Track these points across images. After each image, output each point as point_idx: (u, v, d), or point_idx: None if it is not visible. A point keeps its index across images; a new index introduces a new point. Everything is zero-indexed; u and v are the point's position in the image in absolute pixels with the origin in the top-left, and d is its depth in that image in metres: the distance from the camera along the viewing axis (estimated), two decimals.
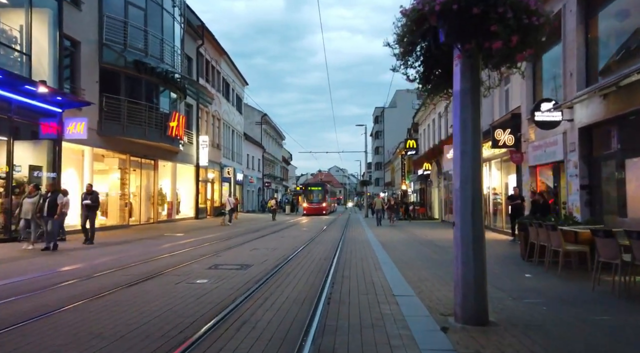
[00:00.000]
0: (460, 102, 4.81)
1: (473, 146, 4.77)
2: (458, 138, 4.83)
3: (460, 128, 4.81)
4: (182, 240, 15.15)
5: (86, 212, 13.53)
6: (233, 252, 11.59)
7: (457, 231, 4.84)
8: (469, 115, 4.78)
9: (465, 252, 4.73)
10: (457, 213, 4.85)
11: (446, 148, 22.62)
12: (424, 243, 13.98)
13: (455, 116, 4.88)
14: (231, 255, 11.02)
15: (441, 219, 29.50)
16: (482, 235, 4.76)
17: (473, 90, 4.79)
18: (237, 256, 10.73)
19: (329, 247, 13.06)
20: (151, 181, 24.16)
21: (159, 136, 21.68)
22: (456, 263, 4.82)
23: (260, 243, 14.05)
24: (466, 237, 4.73)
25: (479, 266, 4.70)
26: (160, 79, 21.47)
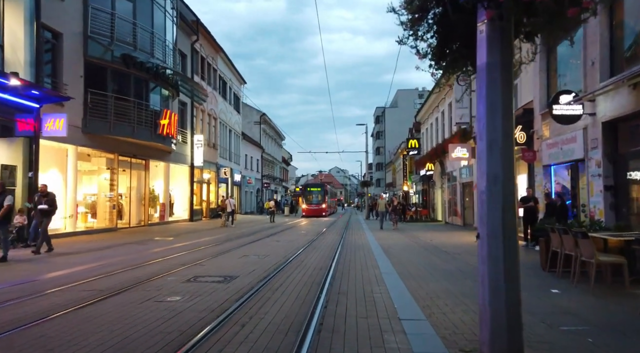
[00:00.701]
0: (487, 78, 3.72)
1: (504, 135, 3.68)
2: (484, 125, 3.73)
3: (487, 112, 3.72)
4: (169, 245, 14.08)
5: (41, 217, 11.80)
6: (220, 260, 10.51)
7: (483, 246, 3.73)
8: (499, 95, 3.70)
9: (494, 275, 3.62)
10: (482, 223, 3.75)
11: (450, 147, 21.53)
12: (430, 249, 12.90)
13: (480, 97, 3.80)
14: (217, 263, 9.94)
15: (445, 221, 28.41)
16: (516, 252, 3.66)
17: (504, 62, 3.71)
18: (223, 265, 9.66)
19: (326, 253, 11.98)
20: (142, 182, 23.12)
21: (149, 135, 20.63)
22: (482, 289, 3.72)
23: (252, 249, 12.97)
24: (496, 255, 3.63)
25: (513, 294, 3.60)
26: (150, 75, 20.42)
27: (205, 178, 32.11)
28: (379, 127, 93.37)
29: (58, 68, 16.43)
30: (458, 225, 24.33)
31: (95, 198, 20.68)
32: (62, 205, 17.18)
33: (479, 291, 3.78)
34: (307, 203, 40.71)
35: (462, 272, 8.61)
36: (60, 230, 16.90)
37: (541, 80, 13.27)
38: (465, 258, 10.72)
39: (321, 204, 40.67)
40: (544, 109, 13.12)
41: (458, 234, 18.56)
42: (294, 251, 12.35)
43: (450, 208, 27.15)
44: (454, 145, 21.60)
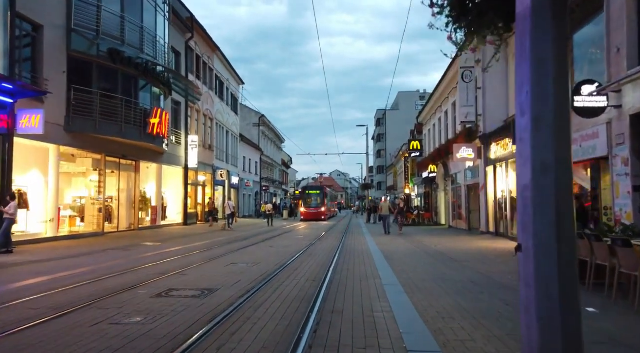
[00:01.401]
0: (533, 28, 2.69)
1: (557, 106, 2.64)
2: (528, 93, 2.70)
3: (532, 75, 2.68)
4: (155, 250, 13.03)
5: None
6: (204, 269, 9.46)
7: (527, 263, 2.67)
8: (549, 51, 2.66)
9: (545, 303, 2.56)
10: (526, 231, 2.70)
11: (455, 147, 20.50)
12: (435, 256, 11.83)
13: (522, 57, 2.76)
14: (199, 273, 8.88)
15: (448, 225, 27.32)
16: (574, 271, 2.61)
17: (556, 6, 2.67)
18: (206, 275, 8.60)
19: (322, 261, 10.92)
20: (132, 184, 22.09)
21: (139, 134, 19.61)
22: (526, 319, 2.66)
23: (242, 256, 11.92)
24: (546, 274, 2.57)
25: (572, 329, 2.55)
26: (139, 71, 19.42)
27: (200, 180, 31.07)
28: (379, 129, 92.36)
29: (38, 62, 15.44)
30: (463, 230, 23.26)
31: (84, 202, 19.68)
32: (42, 208, 16.20)
33: (522, 322, 2.72)
34: (306, 206, 38.96)
35: (475, 284, 7.55)
36: (40, 235, 15.89)
37: None
38: (476, 266, 9.65)
39: (320, 207, 38.89)
40: None
41: (464, 239, 17.49)
42: (287, 258, 11.29)
43: (454, 211, 26.08)
44: (458, 146, 20.57)
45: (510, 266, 9.67)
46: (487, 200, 19.52)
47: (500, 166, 18.16)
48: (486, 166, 19.47)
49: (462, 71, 19.96)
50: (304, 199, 40.02)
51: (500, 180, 18.07)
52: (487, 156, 19.24)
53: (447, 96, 26.86)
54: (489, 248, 13.75)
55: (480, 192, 20.43)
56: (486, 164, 19.45)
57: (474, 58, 19.57)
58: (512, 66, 18.17)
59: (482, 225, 20.18)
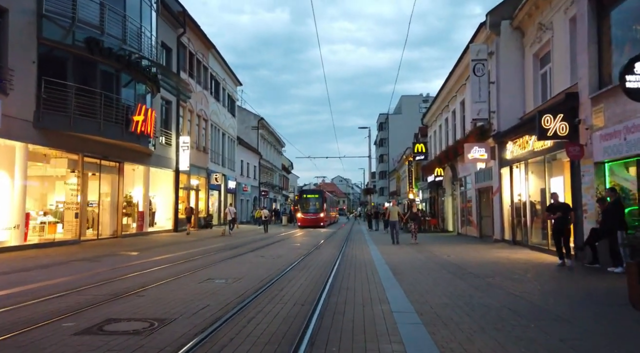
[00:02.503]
0: None
1: None
2: None
3: None
4: (126, 262, 11.32)
5: None
6: (169, 287, 7.73)
7: None
8: None
9: None
10: None
11: (466, 147, 18.76)
12: (451, 270, 10.07)
13: None
14: (160, 293, 7.15)
15: (457, 232, 25.52)
16: None
17: None
18: (168, 296, 6.87)
19: (317, 276, 9.19)
20: (116, 187, 20.42)
21: (120, 133, 17.95)
22: None
23: (224, 269, 10.19)
24: None
25: None
26: (121, 65, 17.78)
27: (193, 184, 29.39)
28: (382, 134, 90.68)
29: (2, 50, 13.81)
30: (473, 237, 21.46)
31: (61, 207, 18.03)
32: (7, 213, 14.54)
33: None
34: (303, 211, 36.09)
35: (515, 312, 5.79)
36: (5, 244, 14.20)
37: (591, 54, 10.52)
38: (505, 284, 7.90)
39: (319, 213, 36.00)
40: (595, 91, 10.38)
41: (478, 248, 15.72)
42: (276, 272, 9.57)
43: (463, 217, 24.29)
44: (470, 145, 18.82)
45: (549, 285, 7.93)
46: (501, 204, 17.75)
47: (517, 167, 16.41)
48: (500, 167, 17.72)
49: (473, 64, 18.26)
50: (301, 204, 37.12)
51: (518, 183, 16.31)
52: (502, 156, 17.50)
53: (455, 94, 25.18)
54: (511, 259, 11.98)
55: (493, 196, 18.67)
56: (501, 165, 17.70)
57: (487, 49, 17.87)
58: (529, 57, 16.47)
59: (496, 232, 18.40)
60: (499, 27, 17.52)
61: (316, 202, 36.58)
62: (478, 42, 18.93)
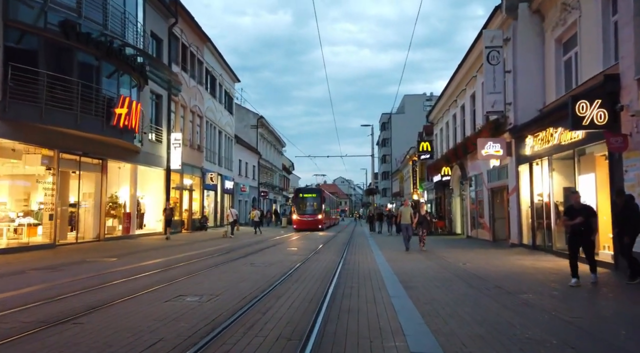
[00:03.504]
0: None
1: None
2: None
3: None
4: (93, 271, 9.74)
5: None
6: (124, 309, 6.14)
7: None
8: None
9: None
10: None
11: (480, 142, 17.16)
12: (472, 282, 8.47)
13: None
14: (106, 319, 5.56)
15: (466, 235, 23.89)
16: None
17: None
18: (115, 324, 5.29)
19: (311, 291, 7.59)
20: (99, 187, 18.86)
21: (100, 127, 16.39)
22: None
23: (201, 282, 8.59)
24: None
25: None
26: (102, 52, 16.24)
27: (186, 184, 27.82)
28: (384, 134, 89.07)
29: None
30: (486, 241, 19.84)
31: (42, 208, 16.49)
32: None
33: None
34: (299, 213, 32.53)
35: (579, 351, 4.18)
36: None
37: (637, 28, 8.90)
38: (547, 305, 6.29)
39: (317, 214, 32.40)
40: None
41: (495, 254, 14.11)
42: (264, 285, 7.99)
43: (474, 219, 22.66)
44: (483, 140, 17.22)
45: (604, 306, 6.32)
46: (519, 205, 16.14)
47: (537, 164, 14.80)
48: (518, 164, 16.12)
49: (487, 51, 16.65)
50: (297, 204, 33.49)
51: (538, 181, 14.69)
52: (519, 152, 15.90)
53: (465, 88, 23.58)
54: (538, 269, 10.37)
55: (509, 197, 17.05)
56: (518, 162, 16.10)
57: (502, 35, 16.22)
58: (551, 42, 14.85)
59: (512, 235, 16.79)
60: (516, 10, 15.93)
61: (314, 202, 33.19)
62: (492, 28, 17.33)
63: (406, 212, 16.20)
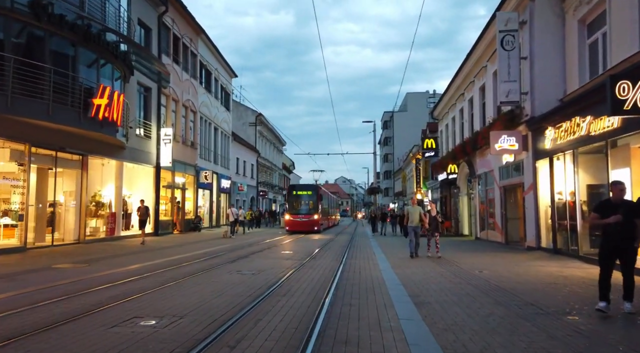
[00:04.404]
0: None
1: None
2: None
3: None
4: (49, 281, 8.30)
5: None
6: (49, 338, 4.69)
7: None
8: None
9: None
10: None
11: (493, 135, 15.67)
12: (497, 296, 7.01)
13: None
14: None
15: (475, 236, 22.40)
16: None
17: None
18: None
19: (302, 308, 6.14)
20: (79, 184, 17.43)
21: (77, 118, 14.95)
22: None
23: (168, 296, 7.14)
24: None
25: None
26: (78, 37, 14.81)
27: (178, 182, 26.38)
28: (387, 132, 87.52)
29: None
30: (497, 243, 18.35)
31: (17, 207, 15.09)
32: None
33: None
34: (293, 212, 29.02)
35: None
36: None
37: None
38: (603, 332, 4.82)
39: (312, 215, 28.70)
40: None
41: (511, 259, 12.63)
42: (244, 301, 6.54)
43: (484, 220, 21.16)
44: (497, 133, 15.74)
45: None
46: (537, 205, 14.65)
47: (558, 159, 13.32)
48: (535, 159, 14.63)
49: (501, 36, 15.18)
50: (290, 202, 29.90)
51: (560, 177, 13.20)
52: (537, 146, 14.42)
53: (473, 79, 22.08)
54: (569, 278, 8.89)
55: (525, 195, 15.57)
56: (536, 157, 14.61)
57: (518, 18, 14.69)
58: (573, 24, 13.34)
59: (529, 238, 15.30)
60: None
61: (309, 200, 29.48)
62: (507, 10, 15.84)
63: (414, 212, 13.56)
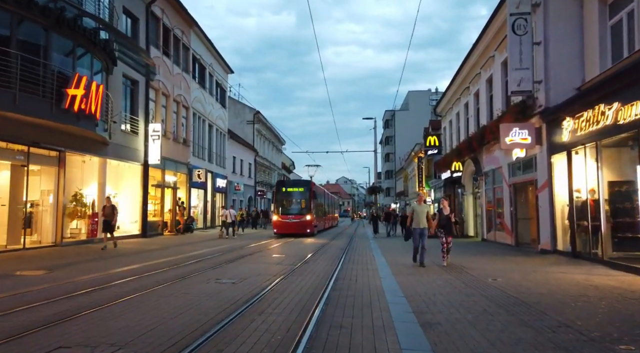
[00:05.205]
0: None
1: None
2: None
3: None
4: None
5: None
6: None
7: None
8: None
9: None
10: None
11: (503, 128, 14.38)
12: (521, 314, 5.74)
13: None
14: None
15: (481, 237, 21.09)
16: None
17: None
18: None
19: (279, 333, 4.85)
20: (55, 183, 16.19)
21: (49, 110, 13.71)
22: None
23: (114, 318, 5.87)
24: None
25: None
26: (49, 21, 13.57)
27: (169, 181, 25.13)
28: (388, 131, 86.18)
29: None
30: (506, 245, 17.04)
31: None
32: None
33: None
34: (281, 212, 24.87)
35: None
36: None
37: None
38: None
39: (304, 215, 24.59)
40: None
41: (525, 263, 11.33)
42: (208, 324, 5.27)
43: (491, 220, 19.84)
44: (507, 126, 14.44)
45: None
46: (552, 204, 13.34)
47: (577, 152, 12.02)
48: (551, 154, 13.32)
49: (512, 19, 13.89)
50: (278, 201, 25.62)
51: (580, 173, 11.89)
52: (552, 139, 13.11)
53: (479, 71, 20.77)
54: (600, 289, 7.59)
55: (539, 193, 14.25)
56: (551, 151, 13.31)
57: (531, 0, 13.27)
58: (593, 4, 11.86)
59: (543, 240, 13.99)
60: None
61: (301, 198, 25.45)
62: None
63: (421, 211, 11.07)
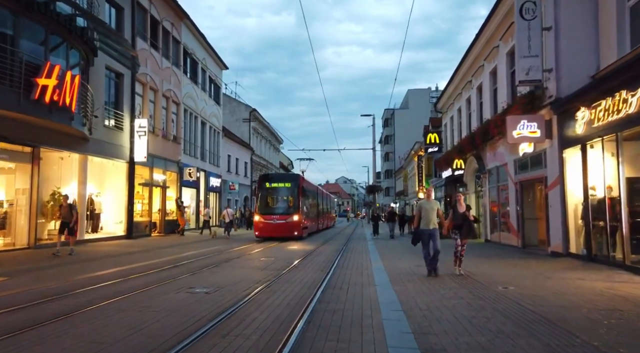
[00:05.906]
0: None
1: None
2: None
3: None
4: None
5: None
6: None
7: None
8: None
9: None
10: None
11: (510, 121, 13.29)
12: (542, 335, 4.68)
13: None
14: None
15: (485, 238, 20.01)
16: None
17: None
18: None
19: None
20: (28, 181, 15.10)
21: (15, 101, 12.59)
22: None
23: (40, 342, 4.79)
24: None
25: None
26: (17, 5, 12.49)
27: (158, 180, 24.04)
28: (387, 130, 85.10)
29: None
30: (512, 247, 15.96)
31: None
32: None
33: None
34: (264, 212, 21.22)
35: None
36: None
37: None
38: None
39: (291, 215, 20.97)
40: None
41: (537, 267, 10.25)
42: (166, 344, 4.18)
43: (496, 220, 18.76)
44: (515, 118, 13.36)
45: None
46: (564, 202, 12.27)
47: (592, 146, 10.94)
48: (562, 148, 12.24)
49: (520, 3, 12.82)
50: (261, 198, 21.90)
51: (597, 169, 10.81)
52: (565, 133, 12.04)
53: (483, 63, 19.70)
54: (631, 299, 6.52)
55: (548, 191, 13.17)
56: (562, 145, 12.23)
57: None
58: None
59: (553, 241, 12.91)
60: None
61: (288, 195, 21.94)
62: None
63: (431, 209, 9.40)
